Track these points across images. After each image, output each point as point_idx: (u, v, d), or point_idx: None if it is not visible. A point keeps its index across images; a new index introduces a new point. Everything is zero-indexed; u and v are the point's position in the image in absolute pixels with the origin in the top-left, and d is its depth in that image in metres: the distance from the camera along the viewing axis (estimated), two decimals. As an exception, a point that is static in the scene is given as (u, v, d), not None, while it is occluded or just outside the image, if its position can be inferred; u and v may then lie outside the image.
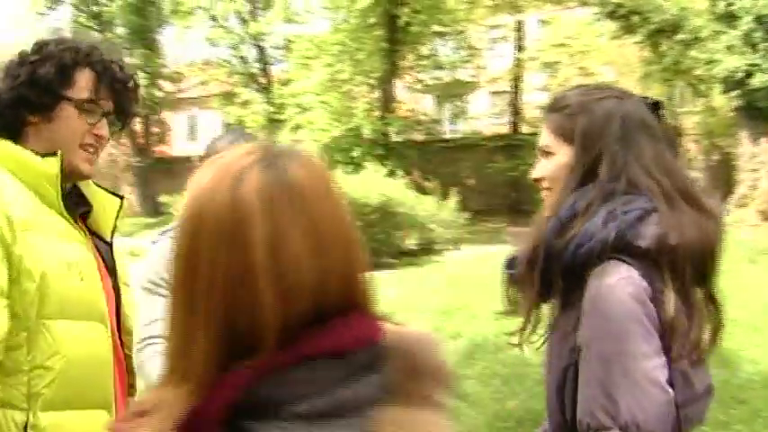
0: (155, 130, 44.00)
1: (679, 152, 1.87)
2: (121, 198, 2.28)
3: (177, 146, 47.87)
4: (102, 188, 2.25)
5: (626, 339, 1.53)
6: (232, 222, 1.00)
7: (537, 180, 1.88)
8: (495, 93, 30.62)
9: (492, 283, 2.19)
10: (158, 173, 38.61)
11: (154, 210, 31.67)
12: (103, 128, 2.08)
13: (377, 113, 26.94)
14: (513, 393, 6.41)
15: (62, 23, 37.38)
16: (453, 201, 19.61)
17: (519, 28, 29.50)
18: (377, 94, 27.60)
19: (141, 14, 37.73)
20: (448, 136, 30.92)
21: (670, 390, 1.55)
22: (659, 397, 1.52)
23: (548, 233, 1.67)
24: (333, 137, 26.33)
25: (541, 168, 1.85)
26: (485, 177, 26.92)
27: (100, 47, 2.08)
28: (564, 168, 1.78)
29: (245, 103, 34.91)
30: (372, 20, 25.72)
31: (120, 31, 38.42)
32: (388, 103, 27.35)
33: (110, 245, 2.21)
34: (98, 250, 2.13)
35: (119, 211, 2.23)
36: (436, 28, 26.67)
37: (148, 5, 37.66)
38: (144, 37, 38.77)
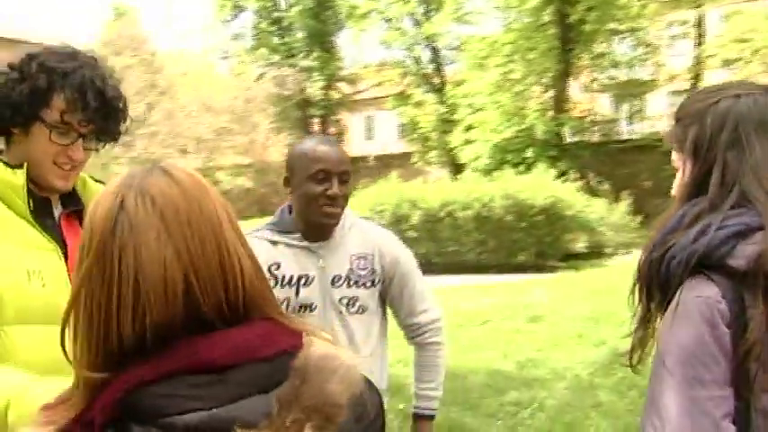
0: (332, 130, 45.21)
1: None
2: None
3: (355, 146, 49.01)
4: (101, 182, 2.28)
5: (685, 362, 1.44)
6: (102, 235, 1.06)
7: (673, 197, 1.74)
8: (674, 92, 29.35)
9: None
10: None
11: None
12: (77, 150, 2.07)
13: (550, 114, 26.58)
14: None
15: (245, 30, 39.09)
16: (624, 204, 19.05)
17: (699, 23, 28.25)
18: (550, 93, 27.20)
19: (319, 19, 38.90)
20: (625, 137, 30.00)
21: (726, 425, 1.42)
22: (707, 429, 1.41)
23: (651, 247, 1.59)
24: (504, 138, 26.17)
25: (675, 186, 1.73)
26: (661, 180, 25.90)
27: (82, 67, 2.03)
28: (684, 182, 1.66)
29: (418, 104, 35.25)
30: (545, 19, 25.40)
31: (299, 35, 39.74)
32: (561, 103, 26.91)
33: None
34: None
35: None
36: (611, 26, 26.00)
37: (325, 10, 38.80)
38: (322, 40, 39.98)
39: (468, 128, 28.16)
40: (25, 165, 2.03)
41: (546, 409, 6.25)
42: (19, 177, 2.01)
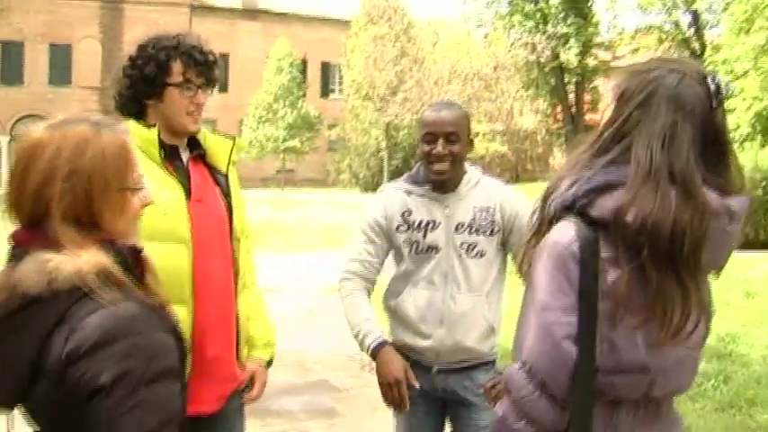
0: (587, 98, 44.30)
1: (722, 142, 1.74)
2: (233, 139, 2.98)
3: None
4: (219, 134, 2.98)
5: (538, 290, 1.71)
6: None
7: None
8: None
9: None
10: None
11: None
12: (200, 97, 2.79)
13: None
14: None
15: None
16: None
17: None
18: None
19: (575, -15, 38.11)
20: None
21: (567, 344, 1.65)
22: (551, 349, 1.66)
23: (551, 181, 1.83)
24: (766, 105, 24.50)
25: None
26: None
27: (181, 41, 2.76)
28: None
29: (675, 70, 33.76)
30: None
31: (555, 1, 39.12)
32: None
33: (225, 175, 2.92)
34: (216, 180, 2.88)
35: (231, 150, 2.94)
36: None
37: (581, -24, 37.91)
38: (577, 6, 39.13)
39: (728, 95, 26.55)
40: (157, 124, 2.74)
41: (731, 382, 6.14)
42: (153, 132, 2.71)
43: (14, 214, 1.71)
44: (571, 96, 41.66)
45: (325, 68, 47.09)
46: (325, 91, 47.66)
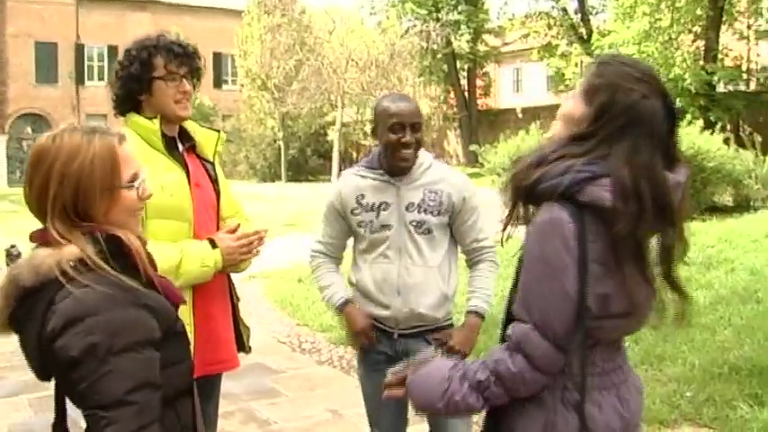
0: (479, 84, 45.12)
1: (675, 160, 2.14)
2: (218, 132, 3.41)
3: (503, 99, 48.81)
4: (205, 127, 3.39)
5: (540, 260, 2.04)
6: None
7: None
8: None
9: None
10: (482, 125, 39.75)
11: (475, 160, 32.92)
12: (185, 85, 3.14)
13: (700, 63, 25.74)
14: (740, 344, 6.49)
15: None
16: (775, 156, 18.34)
17: None
18: (700, 43, 26.31)
19: (465, -29, 38.66)
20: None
21: (572, 303, 2.01)
22: (561, 307, 2.01)
23: (527, 165, 2.11)
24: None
25: (561, 109, 2.23)
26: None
27: (164, 37, 3.15)
28: (569, 117, 2.16)
29: (564, 55, 34.81)
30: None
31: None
32: (712, 52, 25.99)
33: (212, 163, 3.32)
34: (205, 168, 3.26)
35: (217, 141, 3.35)
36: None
37: (471, -38, 38.52)
38: (468, -7, 39.75)
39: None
40: (159, 116, 3.10)
41: (642, 342, 6.48)
42: (155, 123, 3.09)
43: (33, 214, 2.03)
44: (464, 82, 42.39)
45: (218, 59, 46.48)
46: (218, 81, 47.11)
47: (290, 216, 19.87)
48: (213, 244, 3.12)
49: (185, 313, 2.94)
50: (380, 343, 3.45)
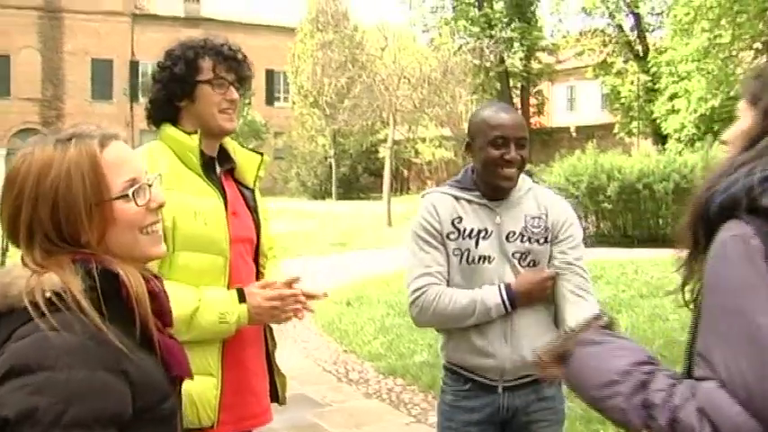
0: (533, 102, 44.70)
1: None
2: (261, 155, 2.92)
3: (557, 117, 48.29)
4: (247, 149, 2.92)
5: (724, 293, 1.53)
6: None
7: (722, 143, 1.85)
8: None
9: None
10: (535, 144, 39.26)
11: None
12: (233, 93, 2.69)
13: (762, 80, 25.00)
14: None
15: (445, 2, 39.30)
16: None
17: None
18: (762, 59, 25.59)
19: (519, -11, 38.42)
20: None
21: None
22: (759, 359, 1.44)
23: (701, 190, 1.67)
24: (712, 106, 24.93)
25: (727, 131, 1.83)
26: None
27: (212, 38, 2.72)
28: (742, 133, 1.74)
29: (619, 73, 34.21)
30: (756, -22, 23.84)
31: (498, 6, 39.42)
32: (775, 68, 25.23)
33: (252, 191, 2.85)
34: (242, 195, 2.79)
35: (259, 165, 2.88)
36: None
37: (525, -20, 38.25)
38: (521, 11, 39.51)
39: (673, 97, 27.02)
40: (199, 131, 2.64)
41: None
42: (194, 140, 2.62)
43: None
44: (516, 100, 41.97)
45: (270, 76, 46.77)
46: (270, 98, 47.35)
47: (340, 234, 19.66)
48: (242, 295, 2.62)
49: (212, 359, 2.58)
50: (477, 398, 2.91)
